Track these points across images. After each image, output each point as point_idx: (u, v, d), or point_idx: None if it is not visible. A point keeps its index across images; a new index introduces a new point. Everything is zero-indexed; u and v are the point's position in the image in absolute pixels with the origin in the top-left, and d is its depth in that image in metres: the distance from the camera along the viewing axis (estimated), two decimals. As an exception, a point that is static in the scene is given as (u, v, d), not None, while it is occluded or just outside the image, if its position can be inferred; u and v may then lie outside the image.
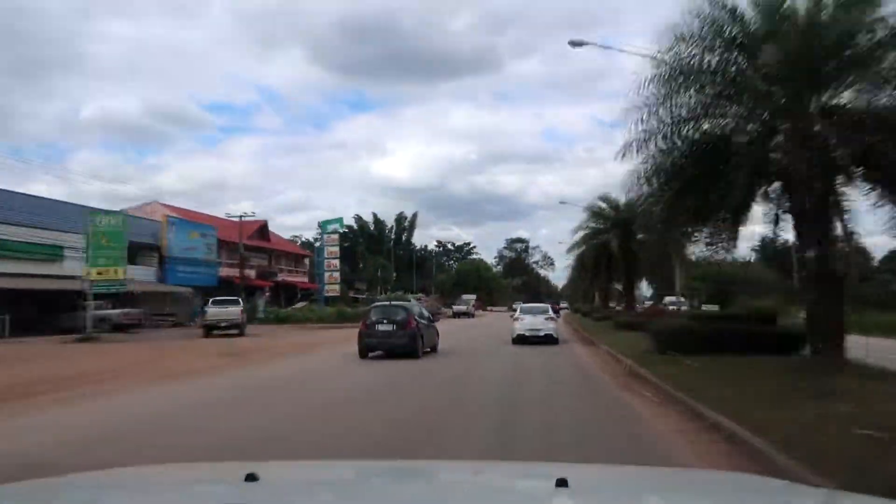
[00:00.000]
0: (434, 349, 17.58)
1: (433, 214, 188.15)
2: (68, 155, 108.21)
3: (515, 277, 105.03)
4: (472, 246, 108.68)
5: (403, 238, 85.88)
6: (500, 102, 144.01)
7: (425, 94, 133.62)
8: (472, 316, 52.06)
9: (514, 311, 24.78)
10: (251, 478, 1.60)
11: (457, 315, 50.05)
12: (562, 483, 1.51)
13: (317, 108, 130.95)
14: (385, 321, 16.04)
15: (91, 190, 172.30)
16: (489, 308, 74.26)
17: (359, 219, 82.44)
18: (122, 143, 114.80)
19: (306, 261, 61.14)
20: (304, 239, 79.91)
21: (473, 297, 64.91)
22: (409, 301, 25.37)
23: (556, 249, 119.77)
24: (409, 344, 15.74)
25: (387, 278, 68.29)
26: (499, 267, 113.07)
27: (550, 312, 22.24)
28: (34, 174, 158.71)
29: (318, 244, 57.89)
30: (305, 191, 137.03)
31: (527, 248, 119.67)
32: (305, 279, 57.36)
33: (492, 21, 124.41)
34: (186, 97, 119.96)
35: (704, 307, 34.99)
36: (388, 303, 19.92)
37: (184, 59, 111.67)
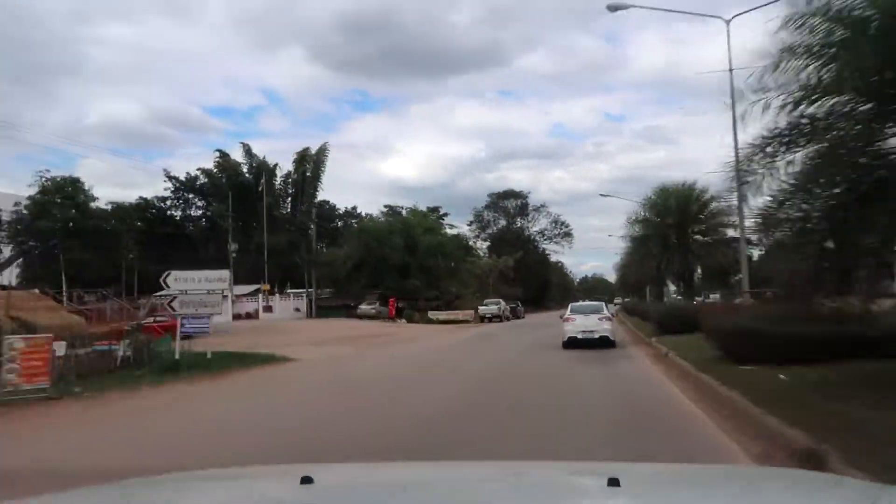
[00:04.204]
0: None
1: (447, 215, 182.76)
2: (75, 160, 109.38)
3: (504, 256, 74.95)
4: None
5: None
6: (506, 98, 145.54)
7: (431, 91, 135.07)
8: (503, 319, 47.46)
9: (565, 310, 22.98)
10: (307, 480, 1.64)
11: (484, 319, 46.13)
12: (614, 482, 1.51)
13: (321, 108, 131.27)
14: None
15: (100, 194, 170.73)
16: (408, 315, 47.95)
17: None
18: (127, 148, 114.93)
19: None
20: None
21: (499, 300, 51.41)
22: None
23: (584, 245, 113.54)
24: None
25: None
26: (478, 240, 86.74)
27: (605, 311, 20.78)
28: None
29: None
30: (329, 200, 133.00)
31: (524, 207, 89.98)
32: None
33: (495, 15, 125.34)
34: (189, 100, 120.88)
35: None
36: None
37: (185, 63, 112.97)
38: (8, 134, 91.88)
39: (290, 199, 68.66)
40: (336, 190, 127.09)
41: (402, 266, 50.68)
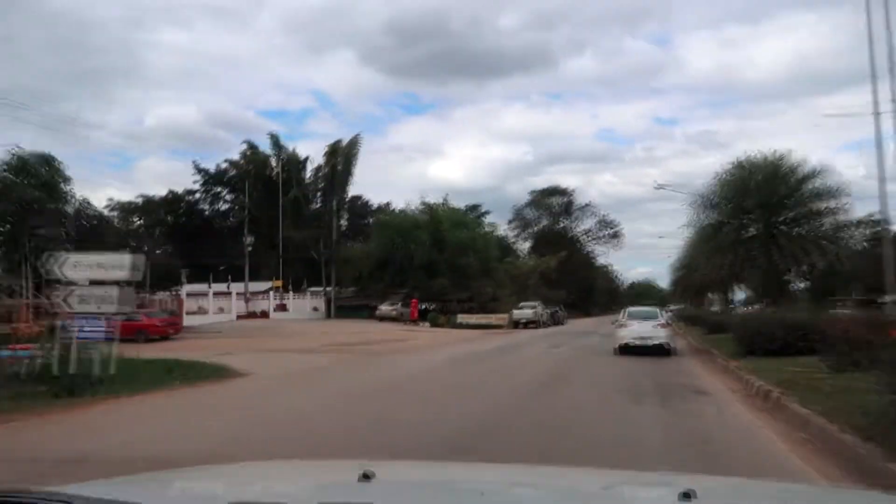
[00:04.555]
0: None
1: (493, 217, 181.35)
2: (135, 161, 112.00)
3: (546, 257, 69.43)
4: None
5: None
6: (553, 101, 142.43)
7: (478, 94, 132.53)
8: (540, 324, 41.79)
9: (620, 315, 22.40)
10: (366, 477, 1.64)
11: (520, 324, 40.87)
12: (686, 496, 1.50)
13: (371, 111, 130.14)
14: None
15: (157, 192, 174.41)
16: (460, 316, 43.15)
17: None
18: (184, 150, 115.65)
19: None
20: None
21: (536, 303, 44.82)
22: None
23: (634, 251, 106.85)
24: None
25: None
26: (519, 240, 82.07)
27: (662, 317, 20.09)
28: (104, 181, 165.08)
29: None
30: (362, 195, 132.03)
31: (569, 206, 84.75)
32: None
33: (542, 18, 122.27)
34: (242, 104, 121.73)
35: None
36: None
37: (238, 67, 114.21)
38: (71, 134, 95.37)
39: (320, 193, 64.96)
40: (382, 192, 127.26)
41: (428, 264, 45.70)
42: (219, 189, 71.20)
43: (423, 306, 48.60)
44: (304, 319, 42.06)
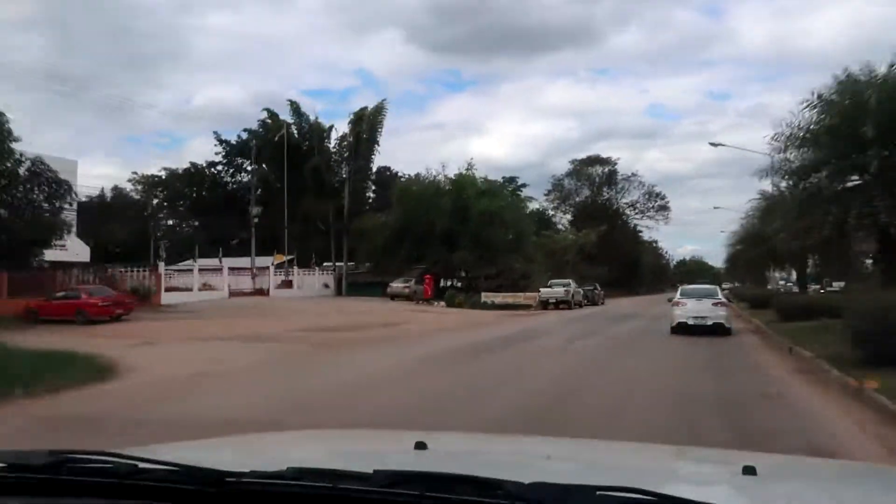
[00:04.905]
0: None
1: (536, 193, 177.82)
2: (183, 142, 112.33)
3: (584, 230, 63.43)
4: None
5: None
6: (600, 76, 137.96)
7: (522, 70, 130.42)
8: (573, 305, 35.82)
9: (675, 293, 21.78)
10: (420, 446, 1.67)
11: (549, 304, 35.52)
12: (749, 471, 1.49)
13: (414, 89, 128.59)
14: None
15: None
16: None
17: None
18: (231, 131, 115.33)
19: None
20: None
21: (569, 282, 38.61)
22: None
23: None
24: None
25: None
26: (558, 213, 75.86)
27: (720, 296, 19.36)
28: (153, 161, 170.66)
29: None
30: (406, 173, 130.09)
31: (612, 175, 77.74)
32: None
33: None
34: (287, 84, 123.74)
35: None
36: None
37: (282, 48, 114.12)
38: (121, 117, 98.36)
39: (344, 164, 60.50)
40: (421, 169, 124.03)
41: (449, 236, 40.57)
42: (240, 161, 67.70)
43: (449, 282, 43.77)
44: (309, 298, 37.60)
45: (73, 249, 39.24)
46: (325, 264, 47.81)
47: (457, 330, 20.13)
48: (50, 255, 36.32)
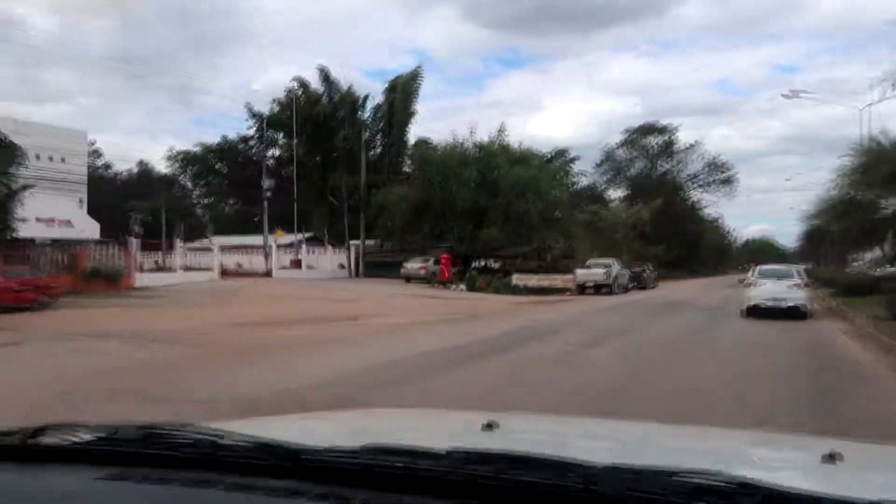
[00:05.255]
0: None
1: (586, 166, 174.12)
2: (243, 123, 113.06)
3: (636, 205, 58.56)
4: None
5: None
6: (663, 51, 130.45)
7: (582, 46, 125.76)
8: (615, 289, 30.10)
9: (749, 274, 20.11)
10: (489, 426, 1.65)
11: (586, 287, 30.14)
12: (832, 458, 1.43)
13: (471, 67, 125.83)
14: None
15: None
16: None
17: None
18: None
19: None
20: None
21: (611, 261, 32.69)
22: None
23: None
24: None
25: None
26: (611, 187, 70.16)
27: (799, 277, 17.99)
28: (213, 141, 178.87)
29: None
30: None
31: (669, 145, 70.10)
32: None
33: None
34: (345, 64, 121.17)
35: None
36: None
37: (338, 27, 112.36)
38: (185, 98, 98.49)
39: (380, 136, 56.01)
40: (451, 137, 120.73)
41: (475, 210, 35.56)
42: (273, 134, 64.24)
43: (482, 262, 38.86)
44: (316, 280, 33.32)
45: (80, 226, 36.51)
46: (352, 242, 43.66)
47: (438, 325, 15.27)
48: (56, 232, 33.55)
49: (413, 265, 33.07)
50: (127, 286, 25.62)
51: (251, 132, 61.63)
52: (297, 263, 37.61)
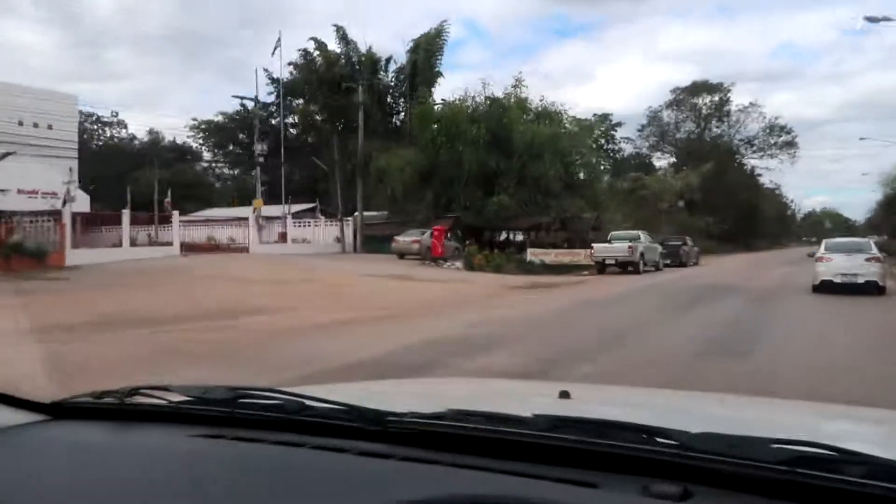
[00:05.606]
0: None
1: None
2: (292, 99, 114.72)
3: (683, 171, 53.32)
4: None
5: None
6: (721, 15, 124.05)
7: (636, 11, 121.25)
8: (641, 267, 24.82)
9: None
10: (564, 395, 1.65)
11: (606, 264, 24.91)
12: None
13: (521, 38, 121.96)
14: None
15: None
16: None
17: None
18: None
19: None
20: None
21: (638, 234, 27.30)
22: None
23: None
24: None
25: None
26: (656, 153, 64.66)
27: (873, 250, 16.93)
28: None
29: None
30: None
31: (722, 105, 63.75)
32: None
33: None
34: (394, 36, 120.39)
35: None
36: None
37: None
38: (238, 76, 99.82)
39: (401, 99, 51.10)
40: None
41: (484, 175, 30.56)
42: (293, 101, 60.20)
43: (504, 235, 34.04)
44: (303, 255, 29.00)
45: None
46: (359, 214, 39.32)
47: (370, 324, 10.60)
48: (39, 204, 30.59)
49: (405, 239, 28.32)
50: (57, 264, 21.86)
51: (272, 99, 57.35)
52: (283, 237, 33.45)
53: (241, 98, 38.34)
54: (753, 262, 35.78)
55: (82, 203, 34.42)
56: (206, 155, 70.71)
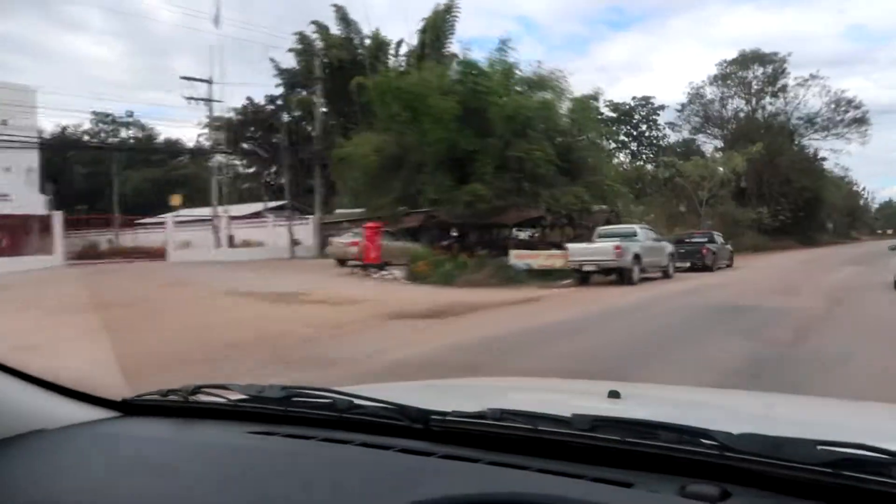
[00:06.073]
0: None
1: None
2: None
3: (727, 152, 46.39)
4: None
5: None
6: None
7: (693, 1, 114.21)
8: (632, 276, 18.21)
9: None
10: (614, 394, 1.64)
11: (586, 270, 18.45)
12: None
13: (576, 31, 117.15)
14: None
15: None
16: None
17: None
18: None
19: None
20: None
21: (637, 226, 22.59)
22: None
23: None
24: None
25: None
26: (701, 136, 56.47)
27: None
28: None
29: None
30: None
31: (777, 77, 53.80)
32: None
33: None
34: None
35: None
36: None
37: None
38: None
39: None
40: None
41: (454, 158, 24.49)
42: (300, 91, 55.64)
43: (509, 234, 27.93)
44: (239, 262, 23.63)
45: (20, 200, 30.69)
46: (337, 212, 33.95)
47: None
48: None
49: (342, 241, 22.50)
50: None
51: (279, 91, 52.81)
52: (231, 239, 28.26)
53: (189, 79, 33.64)
54: (805, 262, 28.43)
55: (36, 205, 31.14)
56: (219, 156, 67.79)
